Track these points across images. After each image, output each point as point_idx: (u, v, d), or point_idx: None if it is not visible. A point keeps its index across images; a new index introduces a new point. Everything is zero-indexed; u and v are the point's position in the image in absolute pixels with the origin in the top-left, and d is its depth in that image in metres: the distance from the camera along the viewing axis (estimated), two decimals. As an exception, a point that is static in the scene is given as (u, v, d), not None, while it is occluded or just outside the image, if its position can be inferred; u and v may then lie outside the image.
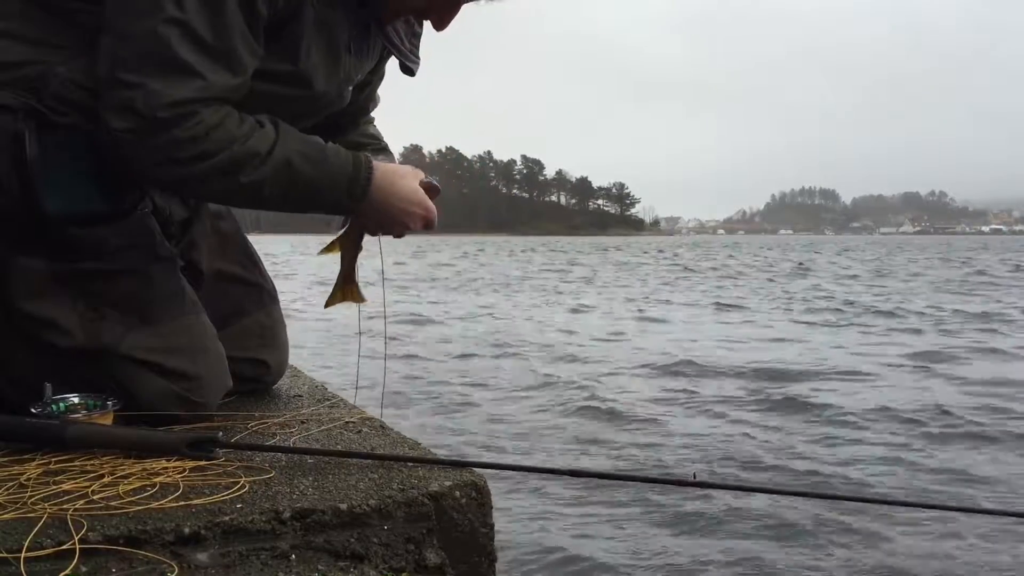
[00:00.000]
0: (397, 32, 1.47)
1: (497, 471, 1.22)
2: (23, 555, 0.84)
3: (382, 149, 1.69)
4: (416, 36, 1.48)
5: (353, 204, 1.36)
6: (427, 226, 1.43)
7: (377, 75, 1.66)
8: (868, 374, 7.60)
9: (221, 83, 1.22)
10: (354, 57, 1.44)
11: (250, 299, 1.67)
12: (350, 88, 1.50)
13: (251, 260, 1.69)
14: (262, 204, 1.31)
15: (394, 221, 1.41)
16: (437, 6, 1.38)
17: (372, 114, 1.76)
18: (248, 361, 1.60)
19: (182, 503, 0.98)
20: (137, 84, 1.18)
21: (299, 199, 1.32)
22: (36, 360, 1.31)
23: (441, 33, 1.45)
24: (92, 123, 1.23)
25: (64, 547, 0.86)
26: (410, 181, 1.40)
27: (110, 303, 1.32)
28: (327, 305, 1.54)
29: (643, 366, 8.07)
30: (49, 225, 1.27)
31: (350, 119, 1.66)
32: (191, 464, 1.12)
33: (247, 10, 1.22)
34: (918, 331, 10.94)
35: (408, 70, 1.50)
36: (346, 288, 1.53)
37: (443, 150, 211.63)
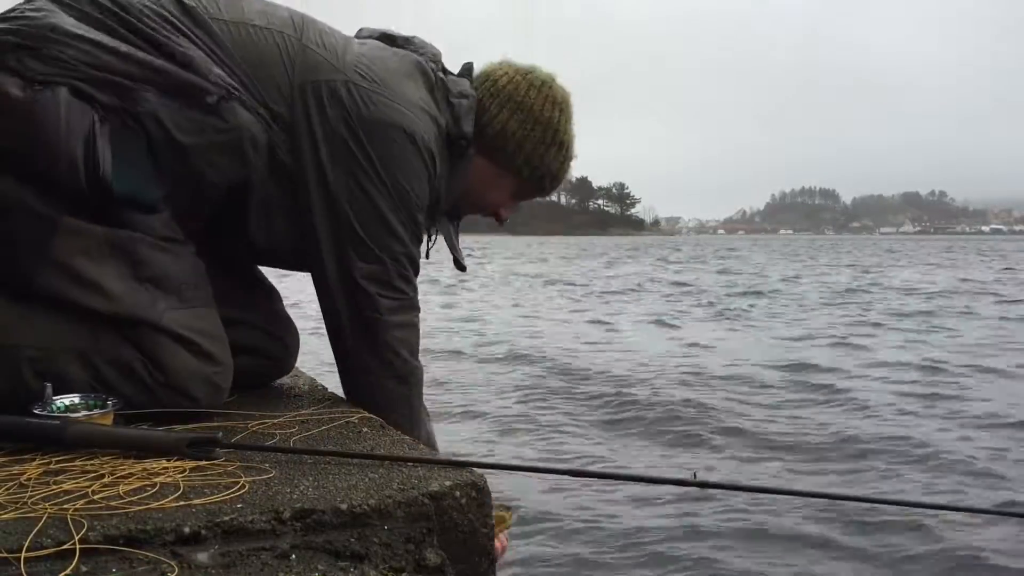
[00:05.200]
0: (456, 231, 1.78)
1: (497, 471, 1.22)
2: (23, 555, 0.84)
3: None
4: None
5: None
6: None
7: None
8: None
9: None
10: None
11: (251, 300, 1.67)
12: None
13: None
14: (392, 414, 1.53)
15: None
16: (505, 206, 1.75)
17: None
18: (248, 360, 1.60)
19: (182, 503, 0.98)
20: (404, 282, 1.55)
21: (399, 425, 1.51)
22: (63, 327, 1.31)
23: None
24: (153, 146, 1.35)
25: (64, 547, 0.86)
26: None
27: (154, 279, 1.35)
28: None
29: (647, 367, 8.08)
30: (110, 201, 1.32)
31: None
32: (191, 464, 1.12)
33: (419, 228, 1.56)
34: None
35: (462, 267, 1.79)
36: None
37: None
